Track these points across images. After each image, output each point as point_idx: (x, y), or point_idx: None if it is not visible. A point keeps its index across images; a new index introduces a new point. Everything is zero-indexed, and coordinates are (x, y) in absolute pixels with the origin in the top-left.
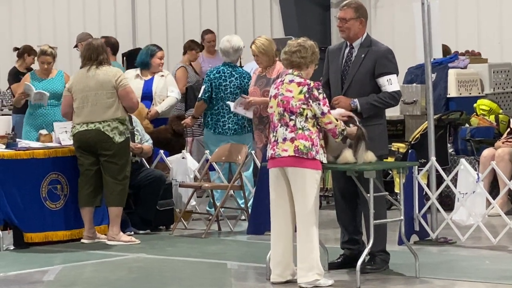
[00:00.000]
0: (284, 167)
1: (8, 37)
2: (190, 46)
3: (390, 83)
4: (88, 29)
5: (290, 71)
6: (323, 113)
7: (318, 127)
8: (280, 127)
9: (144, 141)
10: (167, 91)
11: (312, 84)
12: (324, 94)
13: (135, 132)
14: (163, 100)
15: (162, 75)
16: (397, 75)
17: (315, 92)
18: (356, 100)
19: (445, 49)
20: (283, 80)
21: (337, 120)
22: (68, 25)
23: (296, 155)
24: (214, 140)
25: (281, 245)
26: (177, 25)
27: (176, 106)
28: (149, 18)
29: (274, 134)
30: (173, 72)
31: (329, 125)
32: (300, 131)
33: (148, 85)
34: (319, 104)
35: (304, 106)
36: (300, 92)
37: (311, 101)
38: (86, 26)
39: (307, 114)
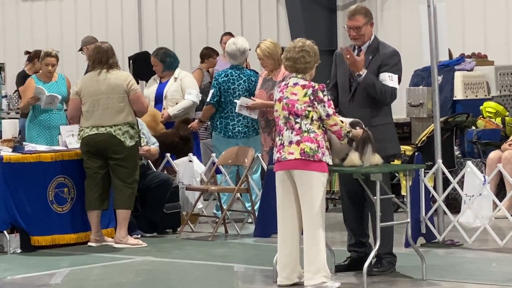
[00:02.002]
0: (291, 170)
1: (16, 41)
2: (208, 54)
3: (391, 79)
4: (94, 33)
5: (294, 73)
6: (328, 115)
7: (324, 129)
8: (286, 130)
9: (151, 143)
10: (183, 94)
11: (316, 86)
12: (329, 96)
13: (141, 135)
14: (176, 104)
15: (176, 78)
16: (400, 78)
17: (320, 94)
18: (365, 71)
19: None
20: (288, 83)
21: (342, 122)
22: (75, 28)
23: (303, 157)
24: (224, 144)
25: (287, 247)
26: (183, 29)
27: (193, 109)
28: (155, 22)
29: (280, 137)
30: None
31: (334, 127)
32: (305, 134)
33: (161, 88)
34: (324, 106)
35: (310, 109)
36: (305, 95)
37: (316, 103)
38: (92, 29)
39: (312, 117)
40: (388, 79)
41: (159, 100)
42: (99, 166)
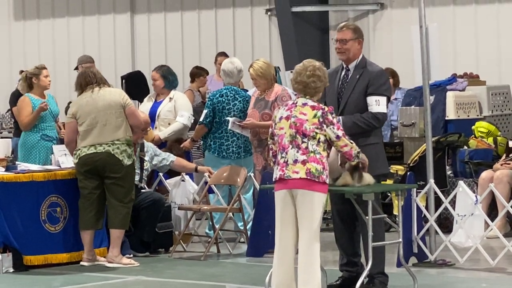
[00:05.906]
0: (293, 189)
1: (8, 59)
2: (198, 73)
3: (378, 104)
4: (87, 52)
5: (302, 94)
6: (338, 137)
7: (328, 151)
8: (291, 148)
9: (166, 162)
10: (176, 115)
11: (326, 109)
12: (337, 118)
13: (145, 159)
14: (169, 124)
15: (171, 98)
16: (389, 98)
17: (330, 117)
18: (340, 118)
19: None
20: (296, 103)
21: (351, 143)
22: (68, 48)
23: (308, 177)
24: (217, 164)
25: (284, 266)
26: (176, 49)
27: (185, 131)
28: (148, 41)
29: (284, 155)
30: None
31: (345, 148)
32: (312, 154)
33: (154, 107)
34: (333, 128)
35: (318, 131)
36: (315, 116)
37: (325, 126)
38: (85, 49)
39: (319, 138)
40: (375, 104)
41: (151, 118)
42: (95, 186)
